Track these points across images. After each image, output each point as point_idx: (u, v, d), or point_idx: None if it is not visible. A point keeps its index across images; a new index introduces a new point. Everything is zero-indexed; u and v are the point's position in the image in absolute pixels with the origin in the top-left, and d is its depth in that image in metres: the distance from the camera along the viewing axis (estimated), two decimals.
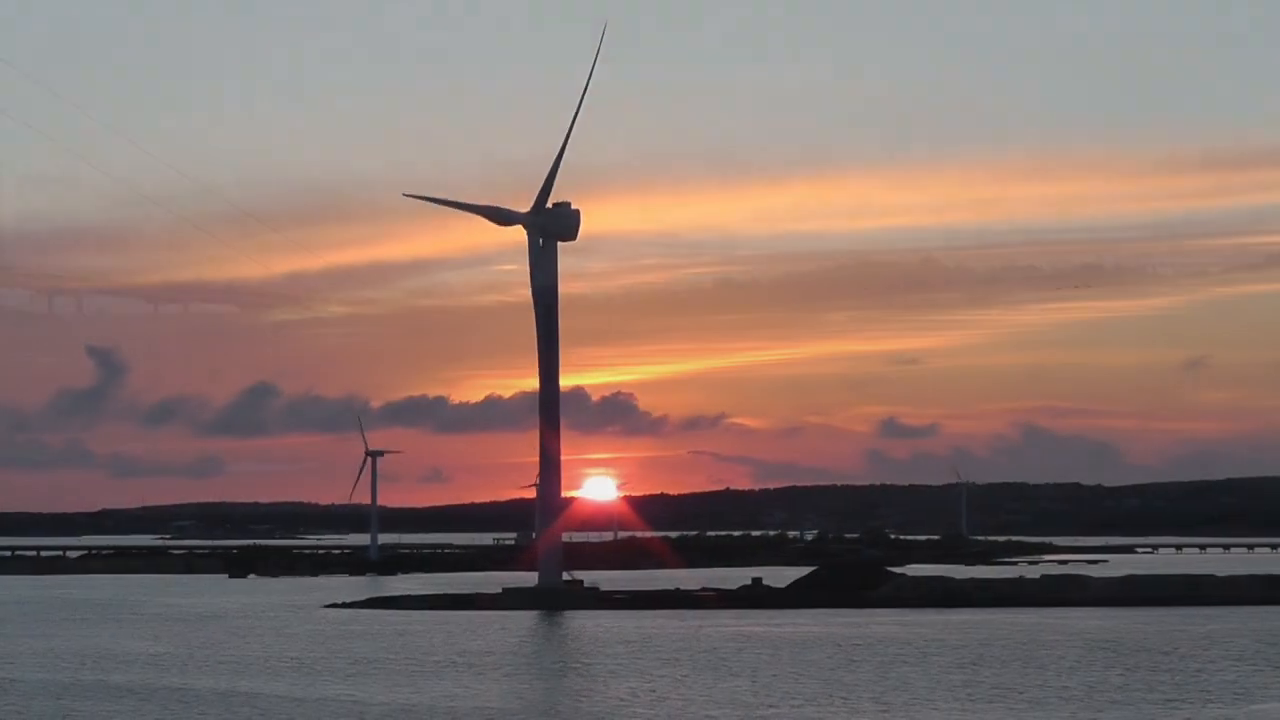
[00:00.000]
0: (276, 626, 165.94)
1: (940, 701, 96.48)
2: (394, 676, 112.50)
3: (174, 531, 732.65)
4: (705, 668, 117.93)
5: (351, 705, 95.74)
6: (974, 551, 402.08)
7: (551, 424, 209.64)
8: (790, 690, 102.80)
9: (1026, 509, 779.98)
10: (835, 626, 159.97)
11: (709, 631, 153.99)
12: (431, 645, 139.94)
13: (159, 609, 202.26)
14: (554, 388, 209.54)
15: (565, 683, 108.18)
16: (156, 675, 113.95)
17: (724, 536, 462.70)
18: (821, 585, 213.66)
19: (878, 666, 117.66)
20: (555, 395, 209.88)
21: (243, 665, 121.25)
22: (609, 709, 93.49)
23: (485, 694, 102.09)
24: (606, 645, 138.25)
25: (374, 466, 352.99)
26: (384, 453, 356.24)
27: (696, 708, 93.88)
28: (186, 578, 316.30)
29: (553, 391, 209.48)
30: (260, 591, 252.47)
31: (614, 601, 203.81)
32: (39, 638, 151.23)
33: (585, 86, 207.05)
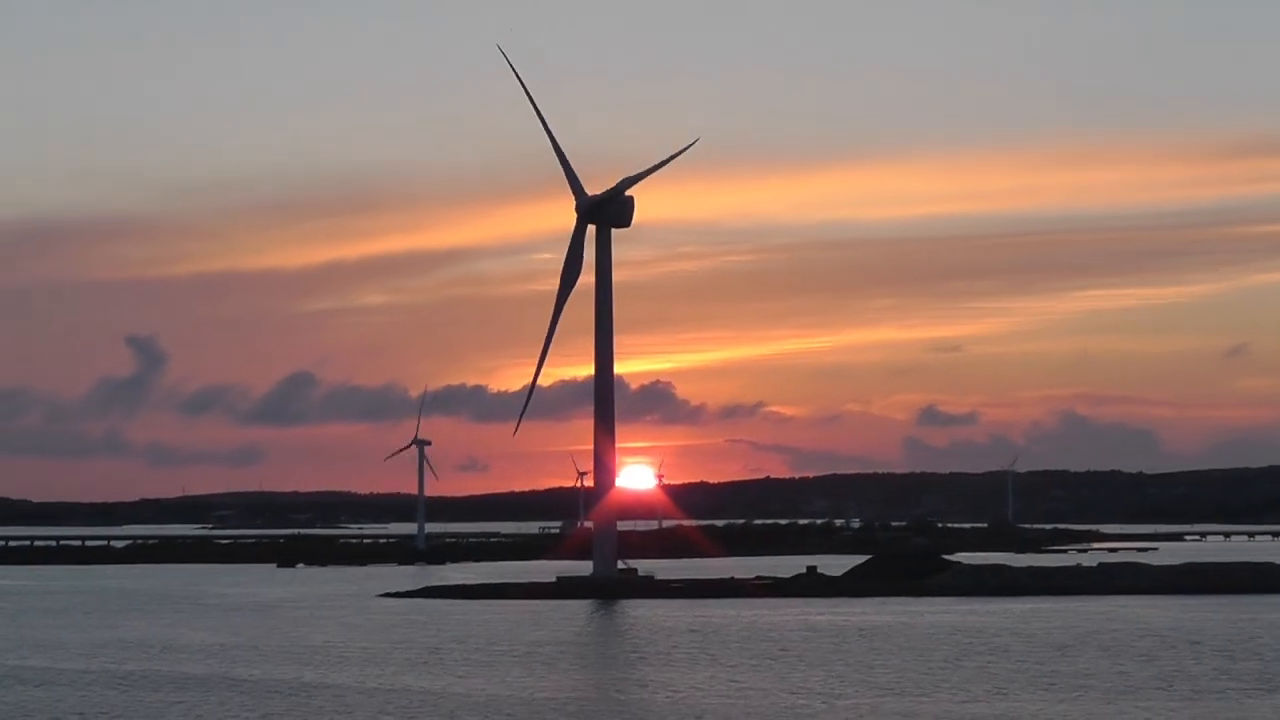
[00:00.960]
0: (337, 616, 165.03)
1: (1024, 692, 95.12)
2: (463, 666, 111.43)
3: (215, 521, 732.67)
4: (777, 657, 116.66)
5: (425, 696, 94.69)
6: (1023, 539, 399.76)
7: (605, 412, 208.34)
8: (867, 680, 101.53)
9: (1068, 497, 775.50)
10: (898, 615, 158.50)
11: (773, 620, 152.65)
12: (495, 635, 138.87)
13: (214, 599, 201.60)
14: (608, 375, 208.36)
15: (639, 673, 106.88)
16: (227, 666, 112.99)
17: (770, 525, 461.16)
18: (878, 574, 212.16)
19: (952, 656, 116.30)
20: (609, 383, 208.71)
21: (311, 655, 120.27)
22: (690, 698, 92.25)
23: (560, 684, 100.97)
24: (673, 635, 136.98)
25: (421, 455, 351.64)
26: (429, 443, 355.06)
27: (776, 698, 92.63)
28: (235, 567, 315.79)
29: (607, 379, 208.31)
30: (311, 581, 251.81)
31: (669, 590, 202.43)
32: (101, 629, 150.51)
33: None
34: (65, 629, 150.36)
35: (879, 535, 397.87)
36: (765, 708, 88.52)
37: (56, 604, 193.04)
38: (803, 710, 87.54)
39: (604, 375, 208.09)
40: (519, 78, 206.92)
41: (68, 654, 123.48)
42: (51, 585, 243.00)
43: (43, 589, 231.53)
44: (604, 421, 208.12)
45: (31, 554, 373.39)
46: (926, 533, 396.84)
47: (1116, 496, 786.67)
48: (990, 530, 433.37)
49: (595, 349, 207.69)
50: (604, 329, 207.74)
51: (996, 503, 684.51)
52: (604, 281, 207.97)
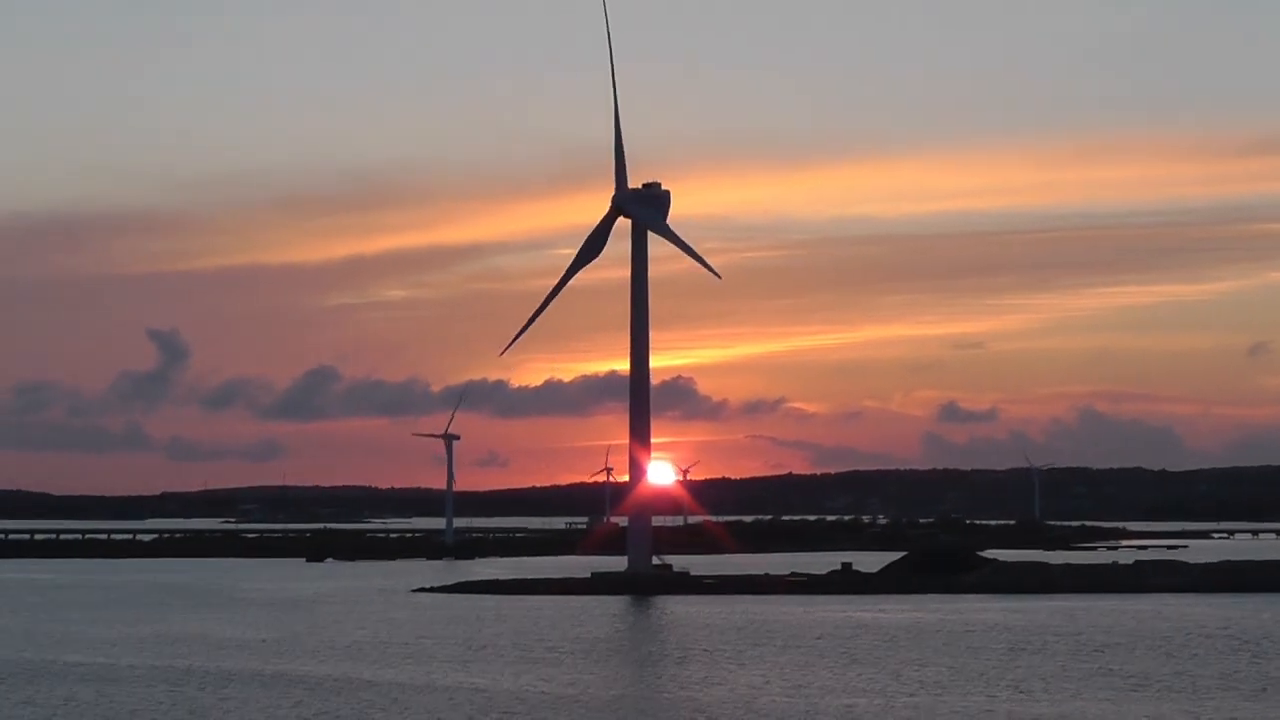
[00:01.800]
0: (375, 611, 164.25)
1: (1083, 690, 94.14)
2: (511, 663, 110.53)
3: (239, 515, 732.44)
4: (826, 654, 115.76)
5: (480, 694, 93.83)
6: (1051, 536, 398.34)
7: (641, 408, 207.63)
8: (922, 678, 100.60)
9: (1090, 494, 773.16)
10: (939, 613, 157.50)
11: (816, 618, 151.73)
12: (537, 630, 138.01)
13: (249, 593, 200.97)
14: (644, 371, 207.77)
15: (691, 670, 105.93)
16: (275, 662, 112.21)
17: (799, 521, 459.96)
18: (912, 571, 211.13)
19: (1003, 653, 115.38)
20: (645, 378, 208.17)
21: (358, 651, 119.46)
22: (748, 696, 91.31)
23: (614, 681, 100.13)
24: (718, 632, 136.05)
25: (449, 449, 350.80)
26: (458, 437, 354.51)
27: (835, 696, 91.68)
28: (264, 562, 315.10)
29: (643, 375, 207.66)
30: (342, 576, 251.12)
31: (704, 587, 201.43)
32: (142, 624, 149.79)
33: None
34: (106, 624, 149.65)
35: (907, 532, 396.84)
36: (827, 706, 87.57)
37: (92, 598, 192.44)
38: (864, 709, 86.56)
39: (639, 371, 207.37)
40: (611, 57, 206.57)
41: (114, 649, 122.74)
42: (84, 579, 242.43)
43: (75, 583, 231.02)
44: (639, 417, 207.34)
45: (58, 547, 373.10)
46: (954, 529, 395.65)
47: (1139, 494, 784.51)
48: (1018, 527, 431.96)
49: (631, 344, 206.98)
50: (640, 324, 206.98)
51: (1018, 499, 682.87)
52: (639, 277, 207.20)
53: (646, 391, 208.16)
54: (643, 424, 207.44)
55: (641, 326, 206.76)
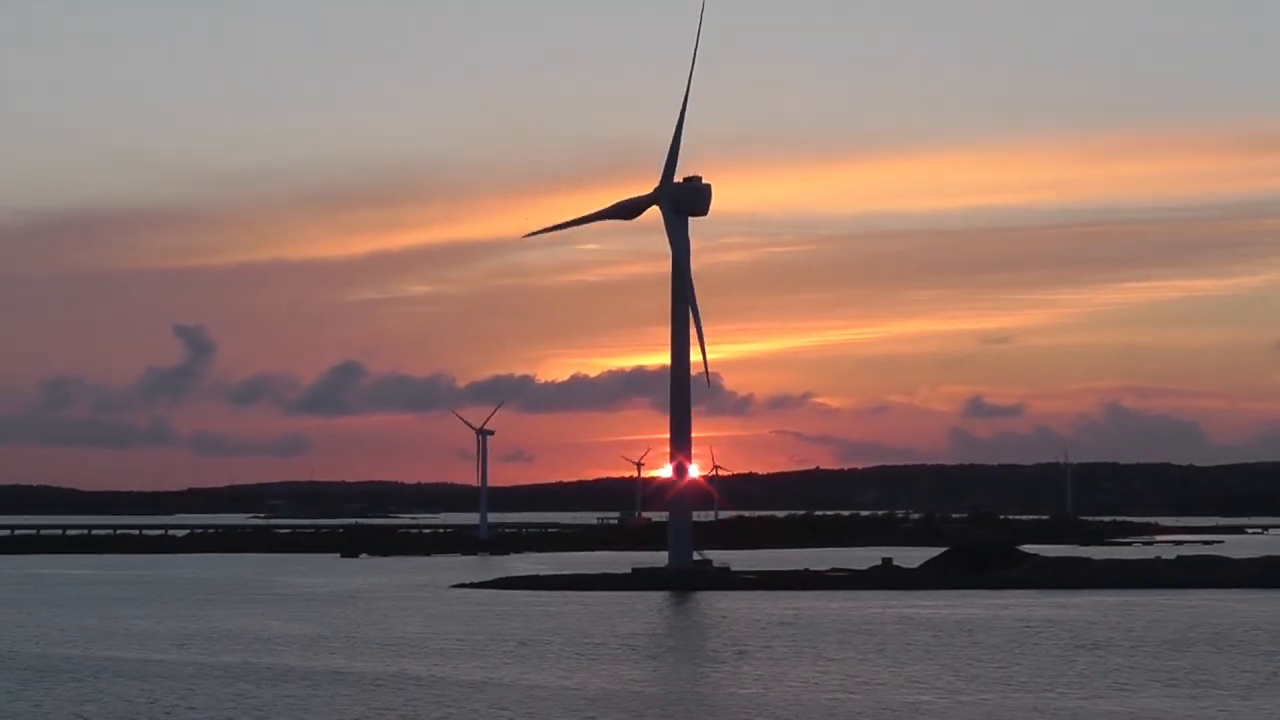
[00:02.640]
0: (419, 607, 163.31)
1: (1147, 688, 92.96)
2: (563, 660, 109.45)
3: (267, 510, 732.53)
4: (880, 650, 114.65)
5: (536, 691, 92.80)
6: (1086, 531, 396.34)
7: (681, 401, 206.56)
8: (981, 675, 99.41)
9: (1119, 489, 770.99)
10: (986, 608, 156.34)
11: (864, 613, 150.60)
12: (584, 627, 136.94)
13: (288, 589, 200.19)
14: (684, 364, 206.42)
15: (747, 666, 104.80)
16: (325, 658, 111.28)
17: (832, 516, 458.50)
18: (954, 566, 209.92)
19: (1060, 650, 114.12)
20: (685, 371, 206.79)
21: (407, 648, 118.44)
22: (809, 693, 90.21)
23: (675, 678, 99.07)
24: (767, 627, 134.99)
25: (483, 445, 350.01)
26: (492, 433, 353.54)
27: (896, 693, 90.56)
28: (298, 557, 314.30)
29: (683, 368, 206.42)
30: (379, 571, 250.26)
31: (745, 582, 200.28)
32: (185, 619, 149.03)
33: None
34: (149, 619, 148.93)
35: (940, 527, 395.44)
36: (890, 703, 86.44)
37: (132, 593, 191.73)
38: (928, 706, 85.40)
39: (680, 364, 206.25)
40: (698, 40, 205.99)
41: (160, 645, 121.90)
42: (120, 575, 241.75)
43: (113, 578, 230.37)
44: (680, 410, 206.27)
45: (90, 543, 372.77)
46: (988, 524, 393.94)
47: (1167, 489, 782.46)
48: (1051, 522, 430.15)
49: (671, 337, 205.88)
50: (680, 317, 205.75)
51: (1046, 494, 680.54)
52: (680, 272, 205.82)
53: (687, 386, 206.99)
54: (683, 419, 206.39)
55: (682, 320, 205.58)
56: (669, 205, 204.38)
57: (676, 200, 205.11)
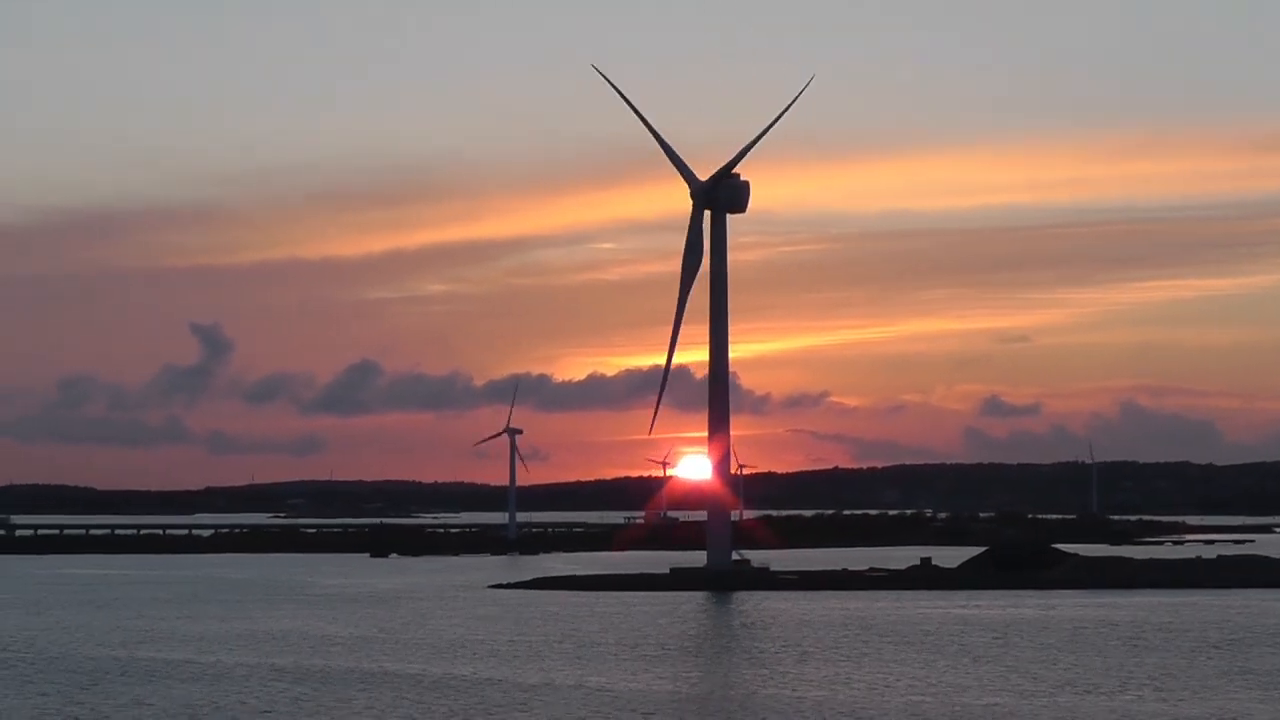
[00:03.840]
0: (464, 608, 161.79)
1: (1226, 690, 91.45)
2: (623, 662, 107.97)
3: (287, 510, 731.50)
4: (940, 652, 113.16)
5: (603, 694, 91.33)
6: (1114, 531, 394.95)
7: (720, 400, 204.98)
8: (1048, 676, 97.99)
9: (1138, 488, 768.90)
10: (1037, 608, 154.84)
11: (915, 613, 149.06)
12: (637, 627, 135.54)
13: (326, 589, 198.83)
14: (723, 363, 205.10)
15: (812, 669, 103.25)
16: (380, 660, 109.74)
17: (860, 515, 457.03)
18: (994, 566, 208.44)
19: (1122, 652, 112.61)
20: (724, 370, 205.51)
21: (460, 649, 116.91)
22: (882, 695, 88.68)
23: (736, 681, 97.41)
24: (820, 628, 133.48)
25: (513, 444, 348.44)
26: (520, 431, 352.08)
27: (970, 695, 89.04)
28: (327, 557, 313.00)
29: (722, 367, 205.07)
30: (411, 571, 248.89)
31: (786, 582, 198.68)
32: (229, 620, 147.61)
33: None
34: (191, 620, 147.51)
35: (968, 526, 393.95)
36: (966, 706, 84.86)
37: (169, 594, 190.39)
38: (1001, 708, 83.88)
39: (719, 363, 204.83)
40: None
41: (209, 647, 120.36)
42: (152, 575, 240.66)
43: (145, 578, 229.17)
44: (718, 409, 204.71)
45: (113, 542, 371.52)
46: (1017, 523, 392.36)
47: (1186, 488, 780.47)
48: (1079, 521, 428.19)
49: (710, 336, 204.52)
50: (719, 316, 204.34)
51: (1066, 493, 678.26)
52: (719, 268, 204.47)
53: (725, 383, 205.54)
54: (722, 416, 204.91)
55: (721, 317, 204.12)
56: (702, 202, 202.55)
57: (714, 198, 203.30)
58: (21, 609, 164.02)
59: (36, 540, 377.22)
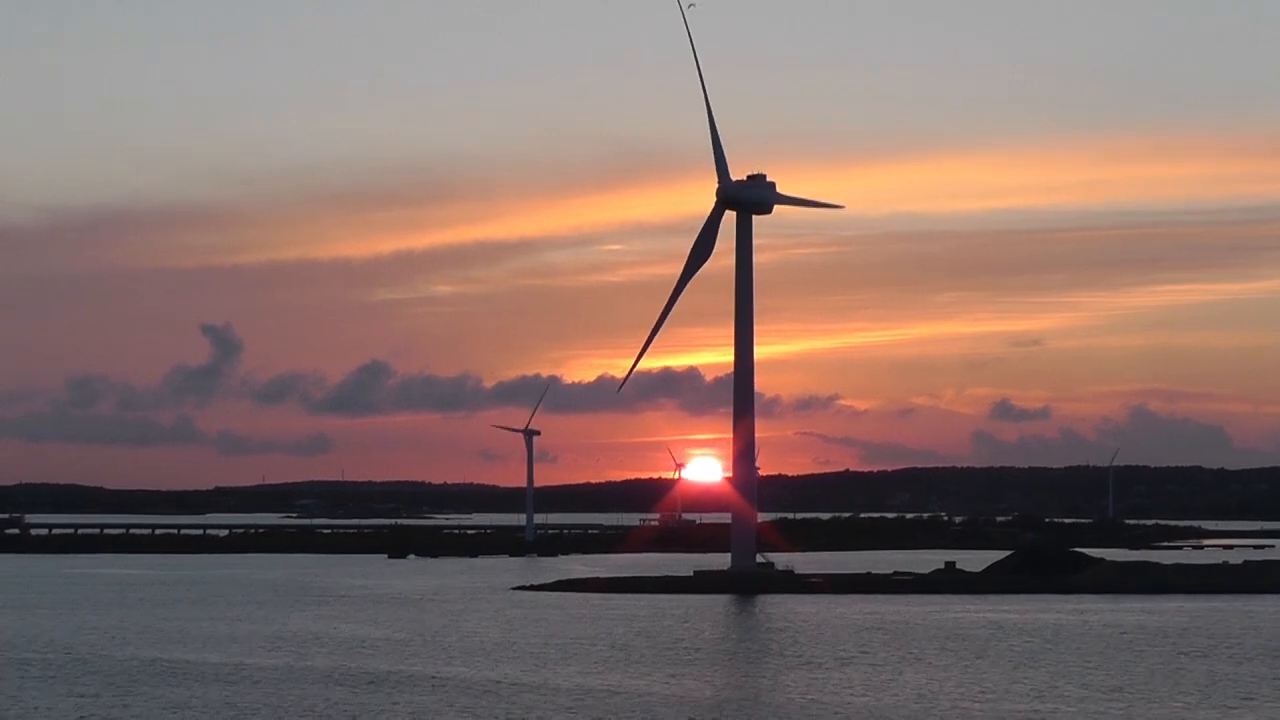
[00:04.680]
0: (493, 610, 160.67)
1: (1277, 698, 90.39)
2: (661, 665, 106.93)
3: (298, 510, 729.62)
4: (981, 656, 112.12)
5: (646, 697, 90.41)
6: (1132, 535, 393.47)
7: (745, 400, 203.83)
8: (1097, 682, 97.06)
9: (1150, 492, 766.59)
10: (1070, 614, 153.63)
11: (948, 617, 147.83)
12: (669, 631, 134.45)
13: (350, 591, 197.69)
14: (748, 363, 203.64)
15: (856, 673, 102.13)
16: (415, 662, 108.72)
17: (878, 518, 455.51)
18: (1020, 570, 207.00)
19: (1165, 658, 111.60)
20: (749, 370, 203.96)
21: (496, 651, 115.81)
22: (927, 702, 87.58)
23: (779, 685, 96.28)
24: (855, 632, 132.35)
25: (529, 445, 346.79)
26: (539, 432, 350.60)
27: (1020, 703, 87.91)
28: (345, 558, 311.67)
29: (747, 367, 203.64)
30: (432, 573, 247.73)
31: (810, 585, 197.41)
32: (260, 621, 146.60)
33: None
34: (220, 621, 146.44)
35: (986, 530, 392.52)
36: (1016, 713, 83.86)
37: (193, 594, 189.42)
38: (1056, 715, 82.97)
39: (744, 363, 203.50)
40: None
41: (245, 648, 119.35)
42: (173, 575, 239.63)
43: (167, 578, 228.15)
44: (743, 410, 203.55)
45: (128, 542, 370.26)
46: (1035, 527, 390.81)
47: (1199, 492, 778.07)
48: (1096, 526, 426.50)
49: (735, 336, 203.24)
50: (744, 316, 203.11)
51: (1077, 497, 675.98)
52: (744, 268, 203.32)
53: (751, 383, 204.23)
54: (747, 416, 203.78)
55: (746, 318, 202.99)
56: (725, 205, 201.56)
57: (738, 200, 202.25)
58: (50, 609, 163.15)
59: (52, 540, 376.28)
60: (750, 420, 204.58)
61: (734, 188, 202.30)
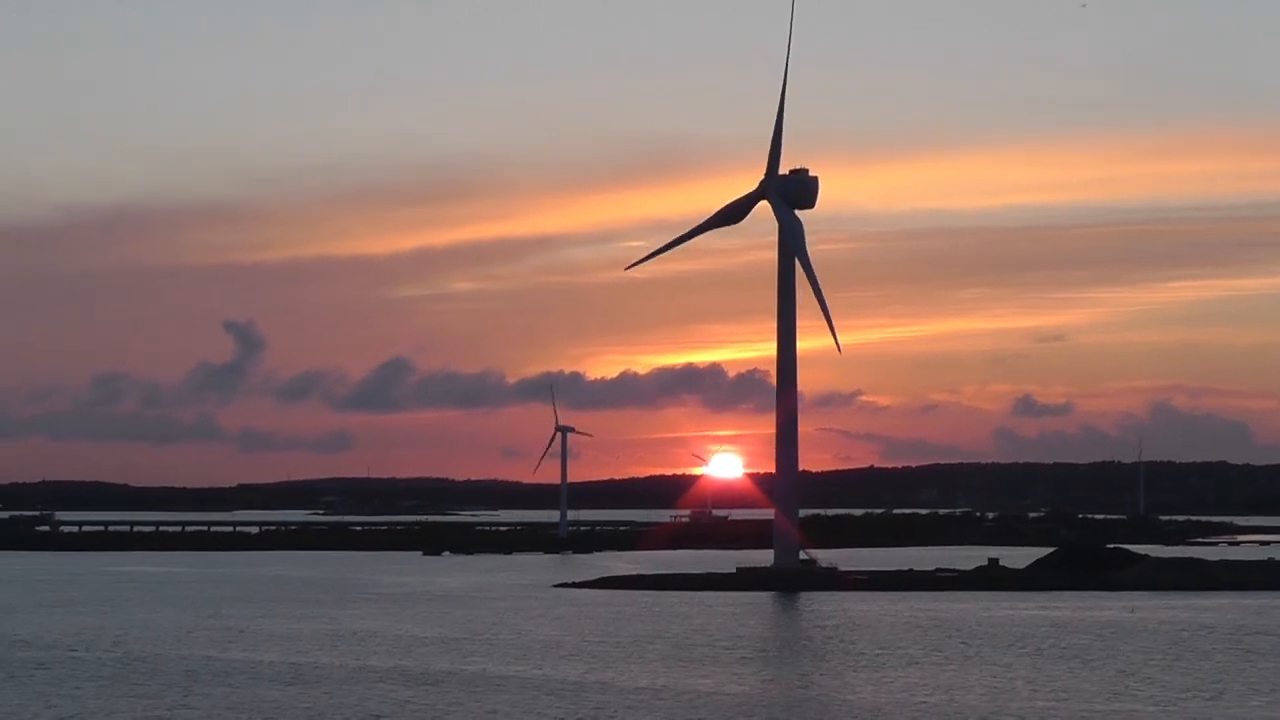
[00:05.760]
0: (542, 608, 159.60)
1: None
2: (723, 665, 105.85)
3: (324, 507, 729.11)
4: (1043, 654, 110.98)
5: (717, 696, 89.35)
6: (1166, 531, 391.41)
7: (788, 396, 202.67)
8: (1169, 682, 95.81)
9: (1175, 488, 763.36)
10: (1124, 611, 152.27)
11: (1001, 615, 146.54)
12: (725, 629, 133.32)
13: (392, 588, 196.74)
14: (791, 357, 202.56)
15: (923, 673, 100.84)
16: (474, 661, 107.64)
17: (910, 514, 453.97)
18: (1064, 566, 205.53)
19: (1234, 656, 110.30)
20: (792, 364, 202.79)
21: (554, 650, 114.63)
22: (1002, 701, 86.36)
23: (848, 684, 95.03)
24: (911, 630, 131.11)
25: (564, 442, 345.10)
26: (573, 429, 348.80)
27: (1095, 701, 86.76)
28: (381, 555, 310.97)
29: (790, 361, 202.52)
30: (470, 570, 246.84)
31: (854, 583, 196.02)
32: (306, 620, 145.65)
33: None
34: (270, 620, 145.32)
35: (1020, 526, 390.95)
36: (1097, 711, 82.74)
37: (237, 592, 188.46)
38: (1136, 716, 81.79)
39: (786, 356, 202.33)
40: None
41: (300, 647, 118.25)
42: (212, 572, 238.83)
43: (207, 576, 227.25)
44: (786, 406, 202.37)
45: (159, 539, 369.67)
46: (1069, 524, 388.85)
47: (1223, 488, 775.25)
48: (1129, 523, 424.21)
49: (778, 330, 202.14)
50: (787, 310, 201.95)
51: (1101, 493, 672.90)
52: (787, 263, 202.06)
53: (794, 378, 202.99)
54: (790, 413, 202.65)
55: (789, 312, 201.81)
56: (777, 197, 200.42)
57: (784, 193, 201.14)
58: (95, 607, 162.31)
59: (83, 537, 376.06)
60: (793, 416, 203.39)
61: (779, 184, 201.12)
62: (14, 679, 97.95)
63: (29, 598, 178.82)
